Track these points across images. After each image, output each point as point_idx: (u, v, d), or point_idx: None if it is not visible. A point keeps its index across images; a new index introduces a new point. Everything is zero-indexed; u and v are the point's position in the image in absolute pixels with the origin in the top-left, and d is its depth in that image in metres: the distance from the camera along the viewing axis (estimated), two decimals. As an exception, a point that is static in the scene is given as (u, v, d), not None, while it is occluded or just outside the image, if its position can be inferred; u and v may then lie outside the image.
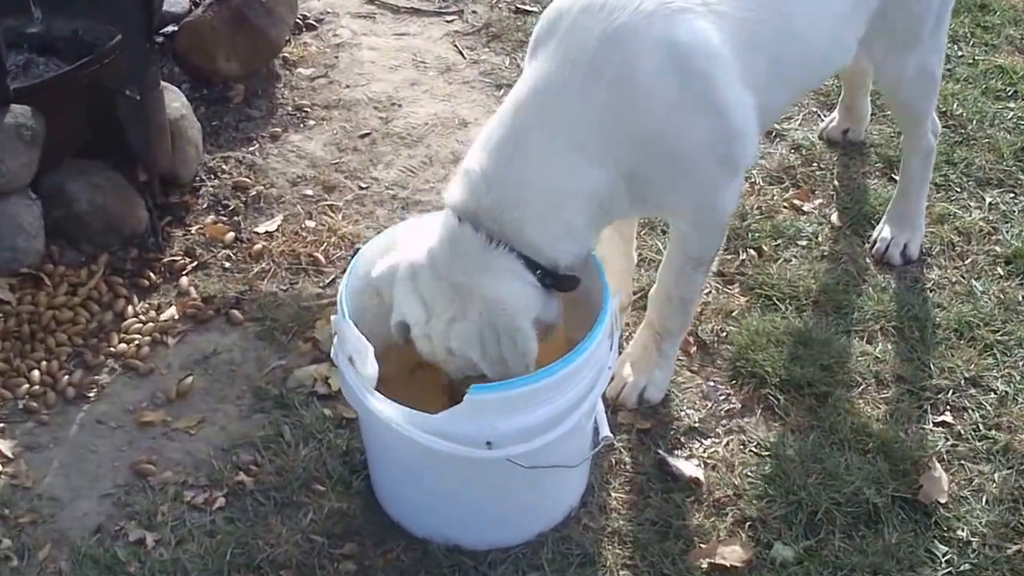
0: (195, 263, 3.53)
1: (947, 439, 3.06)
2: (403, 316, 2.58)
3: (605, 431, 2.59)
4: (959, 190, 3.93)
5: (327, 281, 3.50)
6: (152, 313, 3.35)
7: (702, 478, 2.91)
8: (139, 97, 3.41)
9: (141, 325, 3.30)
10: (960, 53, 4.52)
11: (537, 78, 2.51)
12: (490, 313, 2.47)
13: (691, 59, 2.48)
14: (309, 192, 3.83)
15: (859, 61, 3.17)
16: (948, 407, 3.16)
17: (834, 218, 3.79)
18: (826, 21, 2.78)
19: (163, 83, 3.59)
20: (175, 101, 3.67)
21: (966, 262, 3.65)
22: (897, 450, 3.00)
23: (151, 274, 3.47)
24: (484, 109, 4.28)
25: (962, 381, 3.23)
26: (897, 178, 3.94)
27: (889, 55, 3.15)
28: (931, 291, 3.54)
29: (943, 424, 3.11)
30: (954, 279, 3.58)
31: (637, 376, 3.06)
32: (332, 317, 2.66)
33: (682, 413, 3.11)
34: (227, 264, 3.54)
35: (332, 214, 3.75)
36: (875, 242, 3.67)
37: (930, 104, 3.41)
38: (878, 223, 3.75)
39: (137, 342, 3.25)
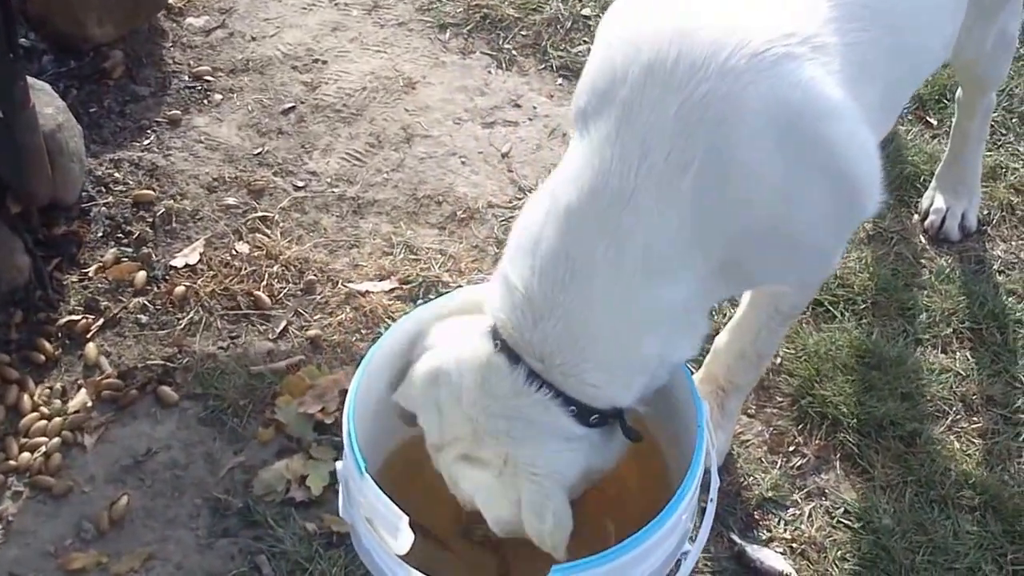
0: (101, 320, 2.83)
1: (1057, 477, 2.64)
2: (413, 410, 2.07)
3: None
4: (1004, 131, 3.45)
5: (278, 330, 2.85)
6: (56, 402, 2.67)
7: (794, 574, 2.43)
8: (3, 117, 2.65)
9: (45, 423, 2.62)
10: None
11: (591, 170, 1.88)
12: (514, 475, 1.94)
13: (806, 125, 1.89)
14: (232, 201, 3.13)
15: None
16: (1050, 433, 2.74)
17: (871, 182, 3.26)
18: (938, 23, 2.22)
19: (32, 82, 2.81)
20: (48, 106, 2.90)
21: (1031, 229, 3.18)
22: (1007, 502, 2.57)
23: (45, 343, 2.77)
24: (431, 60, 3.59)
25: (1059, 396, 2.80)
26: (932, 120, 3.45)
27: (974, 28, 2.60)
28: (1000, 274, 3.08)
29: (1049, 457, 2.69)
30: (1023, 255, 3.12)
31: (712, 433, 2.52)
32: (337, 465, 2.06)
33: (750, 479, 2.61)
34: (143, 318, 2.85)
35: (267, 230, 3.06)
36: (926, 214, 3.18)
37: (1007, 68, 2.92)
38: (923, 183, 3.26)
39: (44, 449, 2.57)
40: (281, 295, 2.91)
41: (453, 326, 2.06)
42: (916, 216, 3.21)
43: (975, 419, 2.75)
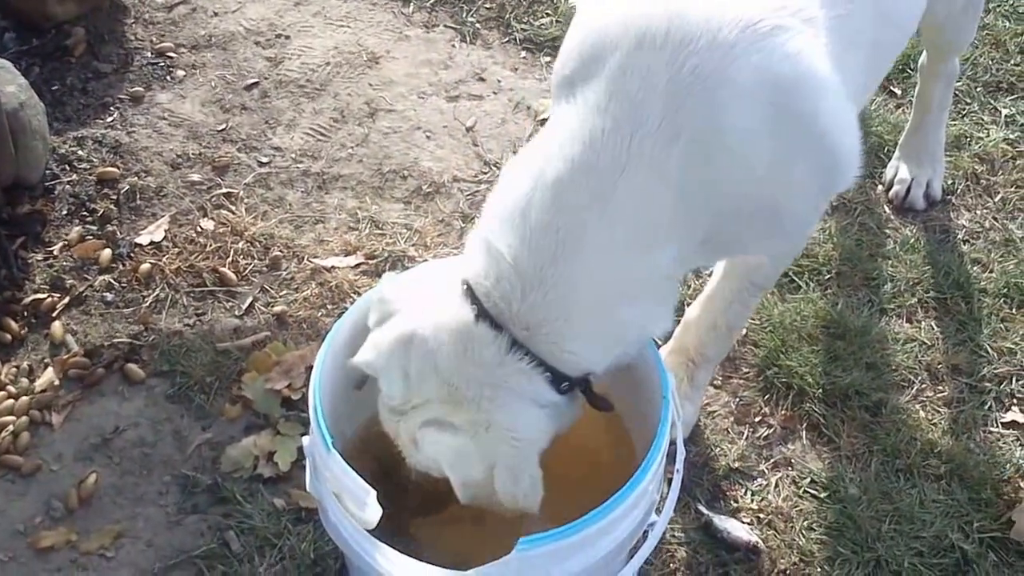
0: (67, 299, 2.83)
1: (1021, 443, 2.69)
2: (376, 375, 2.03)
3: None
4: (968, 100, 3.49)
5: (244, 306, 2.85)
6: (24, 381, 2.67)
7: (760, 544, 2.47)
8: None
9: (12, 402, 2.63)
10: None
11: (581, 142, 1.89)
12: (492, 440, 1.95)
13: (795, 99, 1.91)
14: (196, 177, 3.13)
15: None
16: (1014, 400, 2.78)
17: (839, 153, 3.29)
18: None
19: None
20: (9, 84, 2.89)
21: (995, 199, 3.23)
22: (972, 471, 2.62)
23: (11, 323, 2.77)
24: (395, 35, 3.60)
25: (1023, 364, 2.84)
26: (896, 90, 3.49)
27: None
28: (966, 243, 3.12)
29: (1013, 424, 2.74)
30: (987, 224, 3.17)
31: (678, 404, 2.55)
32: (304, 441, 2.07)
33: (717, 450, 2.64)
34: (108, 296, 2.85)
35: (232, 206, 3.07)
36: (891, 184, 3.22)
37: (972, 33, 2.94)
38: (886, 154, 3.30)
39: (11, 428, 2.58)
40: (247, 271, 2.92)
41: (422, 290, 2.04)
42: (881, 186, 3.24)
43: (940, 388, 2.80)
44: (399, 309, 2.02)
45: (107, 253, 2.91)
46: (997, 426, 2.73)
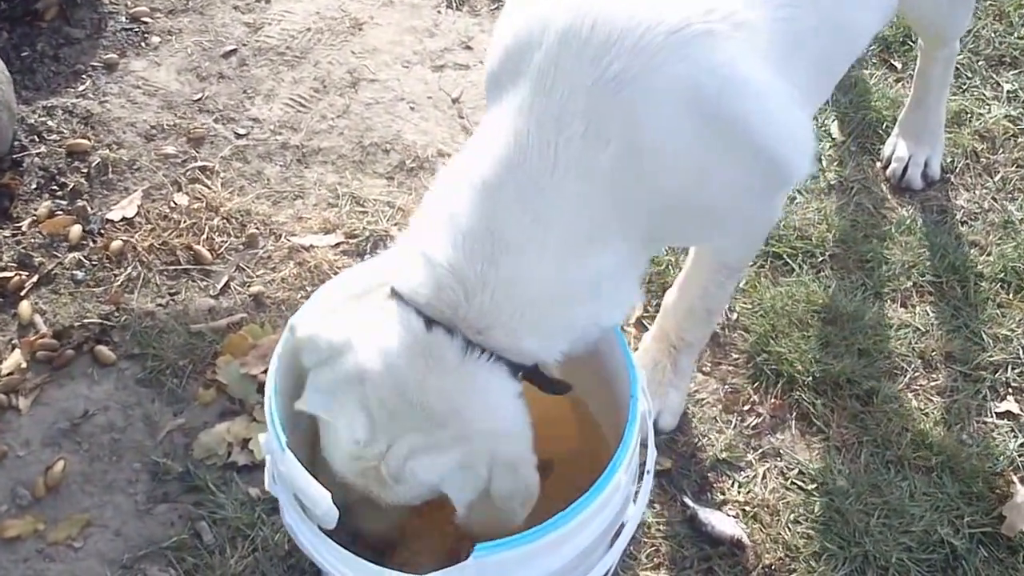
0: (35, 277, 2.78)
1: (1016, 435, 2.66)
2: (330, 419, 1.95)
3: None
4: (969, 75, 3.43)
5: (219, 286, 2.81)
6: (-10, 364, 2.63)
7: (745, 539, 2.44)
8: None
9: (-22, 385, 2.59)
10: None
11: (509, 144, 1.85)
12: (486, 444, 1.91)
13: (721, 107, 1.85)
14: (170, 150, 3.07)
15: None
16: (1009, 390, 2.75)
17: (834, 130, 3.25)
18: None
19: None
20: (-26, 53, 2.82)
21: (995, 179, 3.18)
22: (963, 463, 2.59)
23: (-22, 302, 2.72)
24: (379, 0, 3.52)
25: (1020, 351, 2.80)
26: (896, 64, 3.43)
27: None
28: (964, 224, 3.07)
29: (1008, 415, 2.71)
30: (986, 204, 3.12)
31: (648, 400, 2.52)
32: (260, 438, 2.03)
33: (704, 440, 2.61)
34: (79, 274, 2.81)
35: (207, 180, 3.01)
36: (888, 161, 3.17)
37: (967, 20, 2.89)
38: (885, 130, 3.24)
39: (-23, 412, 2.54)
40: (222, 249, 2.87)
41: (351, 318, 1.97)
42: (878, 164, 3.19)
43: (934, 376, 2.77)
44: (336, 344, 1.93)
45: (77, 229, 2.86)
46: (991, 416, 2.70)
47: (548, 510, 1.91)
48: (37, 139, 3.03)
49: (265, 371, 2.58)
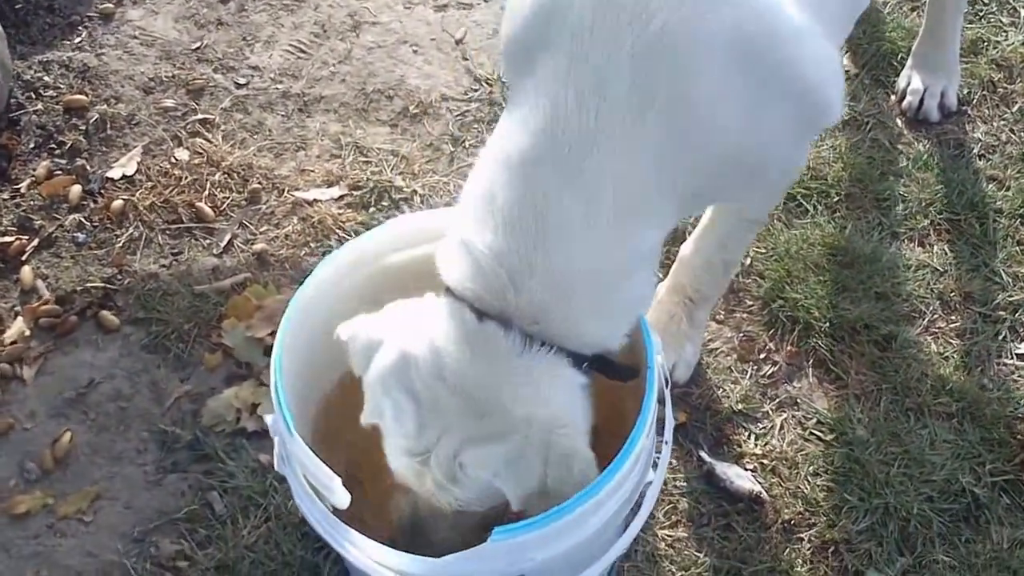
0: (36, 240, 2.60)
1: (1037, 378, 2.48)
2: (379, 421, 1.78)
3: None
4: (986, 1, 3.17)
5: (222, 244, 2.63)
6: (-7, 332, 2.47)
7: (764, 494, 2.28)
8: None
9: (-18, 355, 2.42)
10: None
11: (546, 117, 1.64)
12: (541, 436, 1.70)
13: (768, 51, 1.69)
14: (170, 103, 2.86)
15: None
16: (1030, 330, 2.57)
17: (847, 62, 3.01)
18: None
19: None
20: (-39, 11, 2.60)
21: (1013, 109, 2.96)
22: (984, 409, 2.41)
23: (-21, 268, 2.55)
24: (378, -60, 3.26)
25: (1040, 290, 2.62)
26: (911, -9, 3.18)
27: None
28: (981, 158, 2.86)
29: (1029, 356, 2.53)
30: (1004, 136, 2.90)
31: (664, 355, 2.34)
32: (268, 419, 1.87)
33: (720, 391, 2.44)
34: (80, 236, 2.62)
35: (208, 134, 2.81)
36: (903, 94, 2.94)
37: None
38: (899, 61, 3.01)
39: (-18, 383, 2.38)
40: (225, 206, 2.68)
41: (394, 315, 1.78)
42: (893, 98, 2.97)
43: (953, 318, 2.58)
44: (378, 340, 1.75)
45: (77, 189, 2.67)
46: (1011, 358, 2.52)
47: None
48: (34, 96, 2.83)
49: (271, 333, 2.42)
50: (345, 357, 1.85)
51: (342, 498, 1.75)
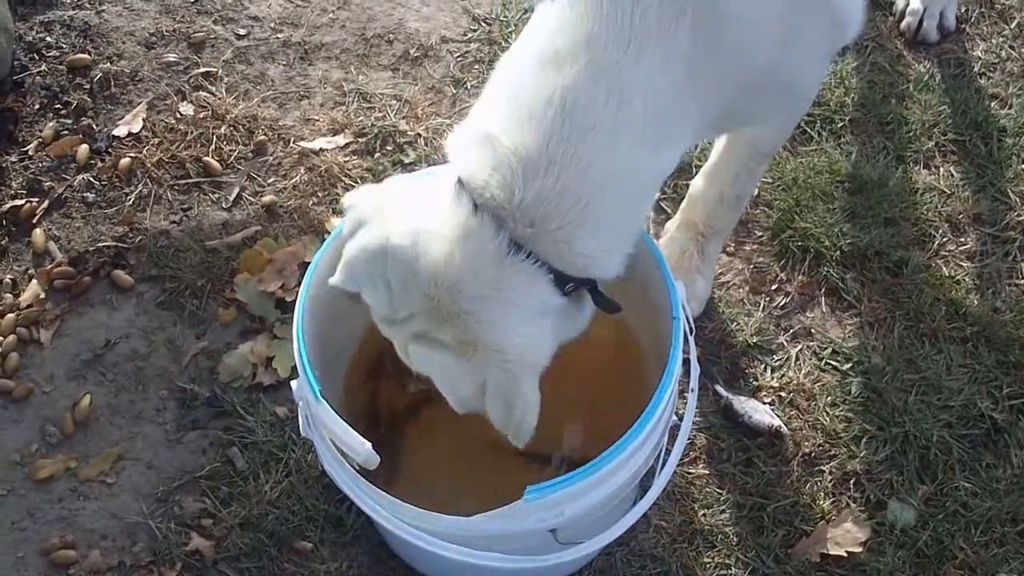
0: (46, 202, 2.37)
1: (1049, 296, 2.26)
2: (350, 288, 1.59)
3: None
4: (980, -83, 2.88)
5: (231, 198, 2.39)
6: (8, 297, 2.25)
7: (783, 428, 2.08)
8: None
9: (-2, 320, 2.21)
10: None
11: (580, 15, 1.43)
12: (483, 359, 1.49)
13: None
14: (172, 57, 2.61)
15: None
16: (1040, 249, 2.34)
17: (844, -15, 2.73)
18: None
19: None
20: (-46, -27, 2.34)
21: (1011, 25, 2.70)
22: (999, 331, 2.21)
23: (-10, 233, 2.32)
24: None
25: (1048, 208, 2.38)
26: (904, -90, 2.88)
27: None
28: (982, 76, 2.60)
29: (1040, 276, 2.30)
30: (1004, 53, 2.65)
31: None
32: (293, 385, 1.66)
33: (733, 325, 2.22)
34: (89, 196, 2.39)
35: (211, 87, 2.56)
36: (902, 15, 2.68)
37: None
38: (897, -17, 2.74)
39: (0, 348, 2.17)
40: (231, 159, 2.44)
41: (403, 191, 1.57)
42: (891, 19, 2.70)
43: (962, 240, 2.35)
44: (371, 216, 1.55)
45: (84, 149, 2.43)
46: (1023, 278, 2.30)
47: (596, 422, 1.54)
48: (37, 57, 2.57)
49: (282, 286, 2.22)
50: (366, 318, 1.65)
51: (371, 460, 1.56)
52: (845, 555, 1.95)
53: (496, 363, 1.49)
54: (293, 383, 1.68)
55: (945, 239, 2.34)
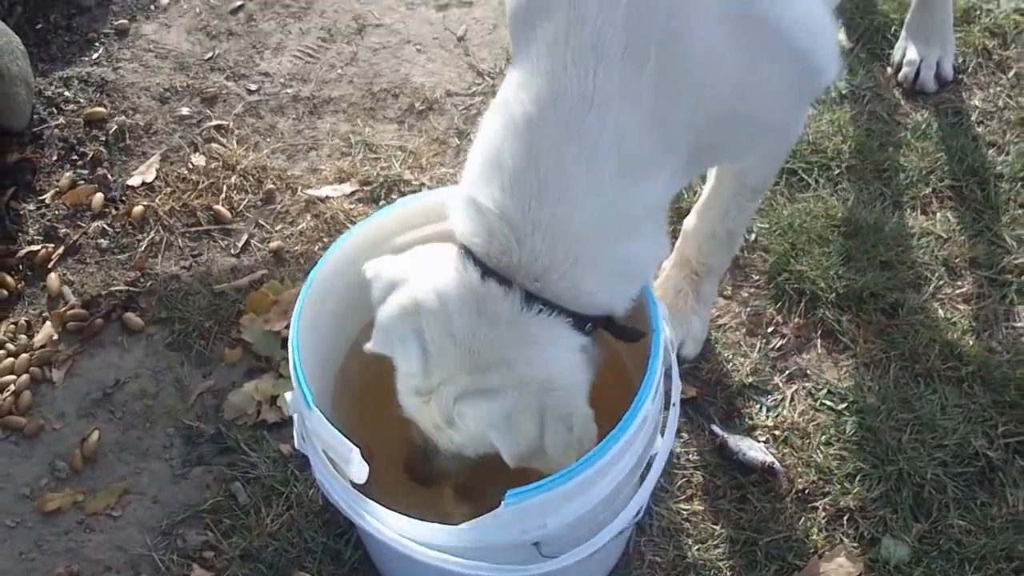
0: (61, 248, 2.54)
1: (1045, 337, 2.36)
2: (386, 353, 1.74)
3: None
4: (977, -29, 3.04)
5: (240, 244, 2.55)
6: (22, 338, 2.40)
7: (777, 464, 2.18)
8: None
9: (12, 360, 2.36)
10: None
11: (546, 79, 1.58)
12: (537, 395, 1.65)
13: (759, 11, 1.62)
14: (185, 111, 2.79)
15: None
16: (1037, 293, 2.45)
17: (841, 37, 2.90)
18: None
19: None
20: (-19, 29, 2.54)
21: (1009, 75, 2.83)
22: (994, 372, 2.30)
23: (7, 277, 2.49)
24: (381, -55, 3.18)
25: (1045, 251, 2.49)
26: (902, -35, 3.05)
27: None
28: (979, 125, 2.74)
29: (1036, 318, 2.41)
30: (1001, 102, 2.78)
31: (671, 329, 2.25)
32: (287, 396, 1.79)
33: (729, 366, 2.34)
34: (103, 242, 2.56)
35: (223, 139, 2.74)
36: (899, 66, 2.83)
37: None
38: (893, 34, 2.89)
39: (13, 387, 2.32)
40: (241, 207, 2.61)
41: (415, 259, 1.74)
42: (889, 70, 2.85)
43: (959, 283, 2.46)
44: (399, 281, 1.72)
45: (99, 197, 2.61)
46: (1019, 320, 2.40)
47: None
48: (55, 111, 2.76)
49: (287, 326, 2.34)
50: (356, 330, 1.84)
51: (360, 469, 1.68)
52: (838, 589, 2.03)
53: (548, 394, 1.64)
54: (287, 394, 1.80)
55: (941, 282, 2.46)
